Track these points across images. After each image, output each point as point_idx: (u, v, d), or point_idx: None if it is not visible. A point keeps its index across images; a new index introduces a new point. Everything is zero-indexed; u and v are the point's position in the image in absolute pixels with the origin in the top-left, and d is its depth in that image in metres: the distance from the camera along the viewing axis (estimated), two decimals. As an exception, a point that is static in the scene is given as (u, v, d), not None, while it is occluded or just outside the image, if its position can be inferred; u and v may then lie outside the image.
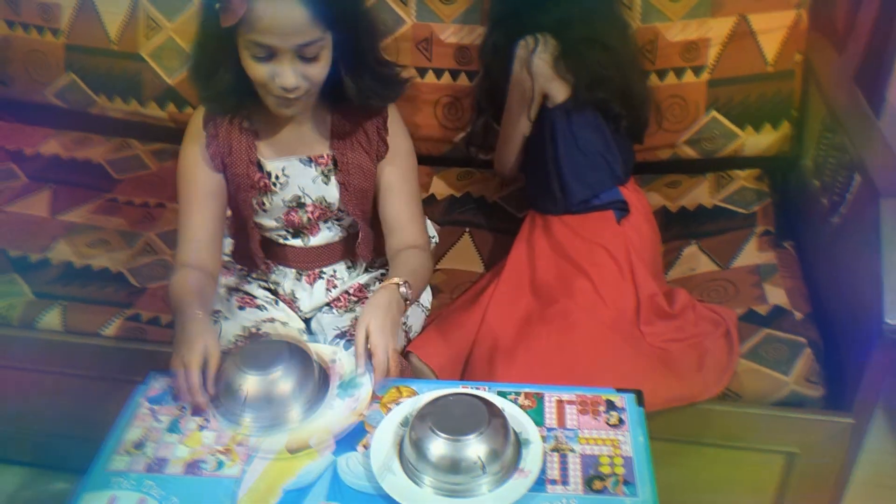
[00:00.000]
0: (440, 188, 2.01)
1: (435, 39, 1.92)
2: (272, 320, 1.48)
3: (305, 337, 1.51)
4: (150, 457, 1.14)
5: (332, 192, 1.43)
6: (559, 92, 1.61)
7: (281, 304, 1.54)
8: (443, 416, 1.08)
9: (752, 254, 1.74)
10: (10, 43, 2.13)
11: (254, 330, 1.44)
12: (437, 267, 1.75)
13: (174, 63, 2.04)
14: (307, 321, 1.56)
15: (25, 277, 1.77)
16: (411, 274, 1.34)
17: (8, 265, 1.80)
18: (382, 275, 1.57)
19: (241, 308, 1.49)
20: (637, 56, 1.77)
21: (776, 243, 1.76)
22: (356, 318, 1.45)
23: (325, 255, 1.51)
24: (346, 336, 1.44)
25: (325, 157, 1.41)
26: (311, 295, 1.52)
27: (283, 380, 1.15)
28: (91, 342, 1.66)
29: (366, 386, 1.21)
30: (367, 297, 1.52)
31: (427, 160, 1.99)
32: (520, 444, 1.11)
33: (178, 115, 2.10)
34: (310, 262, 1.51)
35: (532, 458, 1.10)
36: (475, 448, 1.05)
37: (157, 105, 2.10)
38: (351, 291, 1.54)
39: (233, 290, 1.53)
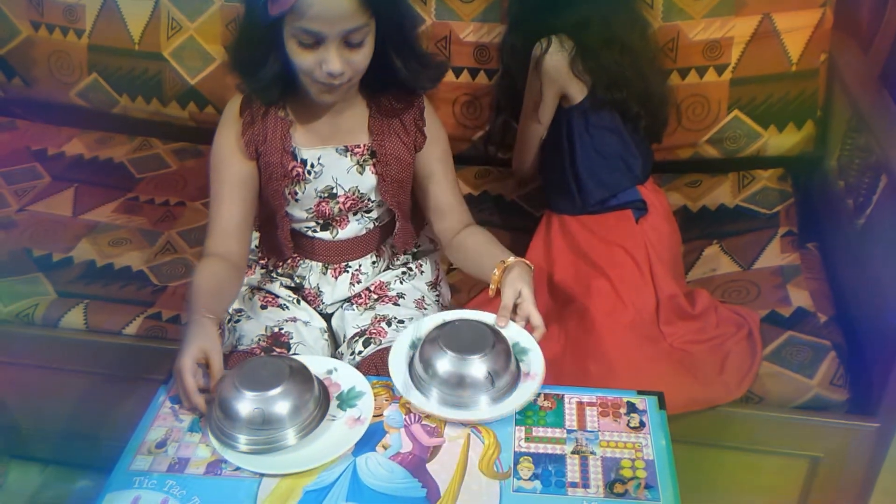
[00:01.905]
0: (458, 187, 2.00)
1: (454, 38, 1.92)
2: (294, 319, 1.49)
3: (326, 335, 1.52)
4: (172, 457, 1.15)
5: (365, 183, 1.44)
6: (576, 92, 1.61)
7: (303, 303, 1.55)
8: (451, 336, 1.20)
9: (774, 255, 1.72)
10: (34, 44, 2.15)
11: (276, 329, 1.44)
12: (455, 266, 1.75)
13: (196, 63, 2.05)
14: (328, 319, 1.56)
15: (49, 276, 1.79)
16: (502, 247, 1.40)
17: (31, 264, 1.82)
18: (403, 272, 1.58)
19: (263, 307, 1.50)
20: (657, 56, 1.76)
21: (799, 244, 1.75)
22: (376, 317, 1.47)
23: (351, 249, 1.52)
24: (366, 334, 1.44)
25: (362, 146, 1.43)
26: (335, 289, 1.53)
27: (283, 398, 1.13)
28: (113, 341, 1.67)
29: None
30: (387, 295, 1.53)
31: None
32: (517, 355, 1.23)
33: (198, 114, 2.11)
34: (336, 256, 1.52)
35: (534, 362, 1.22)
36: (480, 366, 1.17)
37: (179, 105, 2.11)
38: (372, 288, 1.54)
39: (255, 289, 1.54)
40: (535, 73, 1.60)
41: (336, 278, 1.52)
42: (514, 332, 1.26)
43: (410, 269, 1.58)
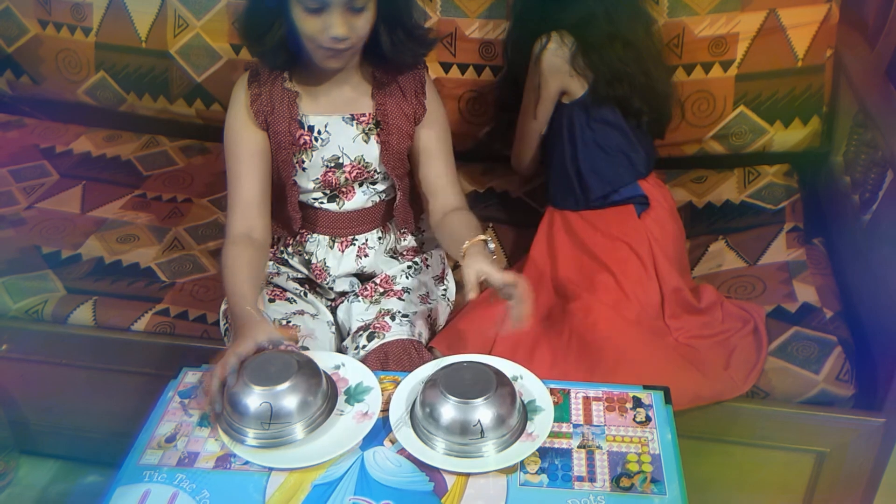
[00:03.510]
0: (463, 183, 1.98)
1: (459, 34, 1.92)
2: (302, 312, 1.50)
3: (333, 328, 1.53)
4: (182, 451, 1.16)
5: (370, 152, 1.48)
6: (576, 88, 1.61)
7: (310, 296, 1.56)
8: (453, 381, 1.13)
9: (780, 250, 1.72)
10: (41, 42, 2.16)
11: (283, 322, 1.46)
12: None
13: (202, 61, 2.06)
14: (334, 312, 1.57)
15: (57, 273, 1.80)
16: (478, 231, 1.38)
17: (41, 261, 1.83)
18: (409, 267, 1.59)
19: (271, 300, 1.51)
20: (661, 51, 1.76)
21: (805, 240, 1.75)
22: (380, 311, 1.48)
23: (357, 221, 1.54)
24: (370, 329, 1.45)
25: (367, 115, 1.47)
26: (341, 262, 1.55)
27: (291, 392, 1.14)
28: (121, 337, 1.68)
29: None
30: (393, 289, 1.54)
31: None
32: (527, 410, 1.16)
33: (205, 111, 2.12)
34: (343, 228, 1.54)
35: (541, 424, 1.14)
36: (479, 412, 1.10)
37: (185, 102, 2.12)
38: (378, 282, 1.56)
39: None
40: (534, 69, 1.61)
41: (343, 252, 1.55)
42: (531, 387, 1.21)
43: (416, 263, 1.59)
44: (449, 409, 1.11)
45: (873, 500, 1.56)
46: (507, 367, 1.21)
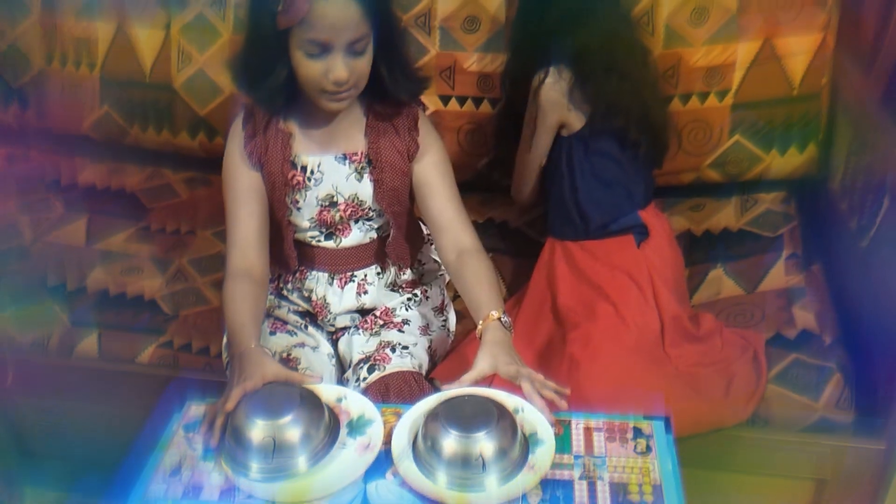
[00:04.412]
0: (463, 215, 2.03)
1: (458, 68, 1.95)
2: (303, 345, 1.51)
3: (334, 360, 1.54)
4: (186, 483, 1.16)
5: (364, 190, 1.48)
6: (574, 121, 1.63)
7: (311, 328, 1.57)
8: (454, 414, 1.13)
9: (778, 277, 1.73)
10: (47, 77, 2.19)
11: (284, 355, 1.47)
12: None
13: (205, 94, 2.08)
14: (335, 343, 1.58)
15: (63, 305, 1.81)
16: (494, 292, 1.37)
17: (46, 294, 1.85)
18: (409, 299, 1.59)
19: (272, 333, 1.52)
20: (657, 83, 1.78)
21: (804, 266, 1.76)
22: (381, 343, 1.49)
23: (355, 258, 1.55)
24: (370, 360, 1.46)
25: (359, 154, 1.47)
26: (342, 299, 1.55)
27: (294, 426, 1.14)
28: (126, 369, 1.70)
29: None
30: (393, 321, 1.55)
31: None
32: (528, 442, 1.15)
33: (208, 144, 2.14)
34: (341, 265, 1.54)
35: (542, 457, 1.13)
36: (479, 445, 1.09)
37: (189, 135, 2.14)
38: (378, 314, 1.56)
39: (265, 315, 1.56)
40: (533, 103, 1.63)
41: (342, 288, 1.55)
42: (534, 420, 1.19)
43: (416, 294, 1.60)
44: (450, 443, 1.11)
45: (876, 527, 1.57)
46: (509, 400, 1.21)
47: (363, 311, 1.59)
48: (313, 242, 1.53)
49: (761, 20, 1.83)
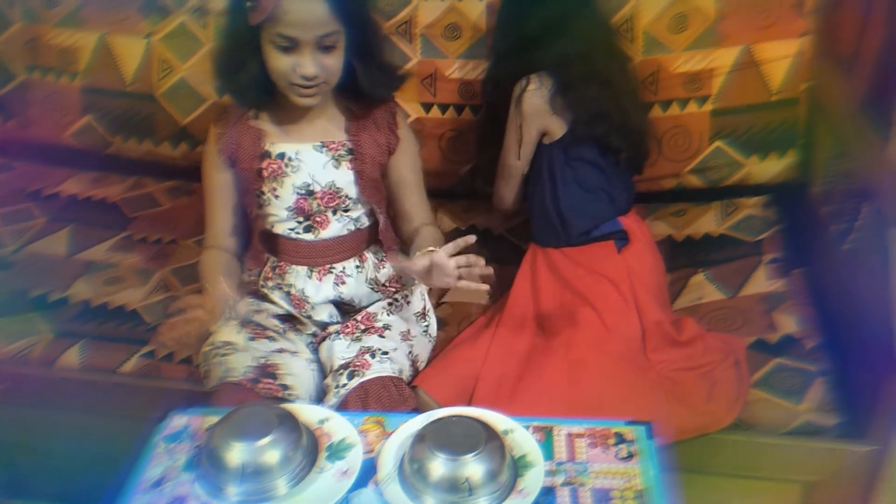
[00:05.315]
0: (445, 221, 2.03)
1: (439, 75, 1.96)
2: (282, 351, 1.52)
3: (314, 366, 1.54)
4: (169, 495, 1.15)
5: (341, 178, 1.53)
6: (556, 129, 1.64)
7: (291, 334, 1.58)
8: (442, 436, 1.11)
9: (760, 282, 1.74)
10: (29, 86, 2.18)
11: (264, 361, 1.47)
12: (444, 300, 1.77)
13: (186, 104, 2.08)
14: (315, 350, 1.58)
15: (45, 316, 1.80)
16: (436, 243, 1.47)
17: (28, 304, 1.84)
18: (390, 304, 1.61)
19: (251, 339, 1.52)
20: (637, 89, 1.79)
21: (785, 271, 1.77)
22: (361, 349, 1.50)
23: (334, 250, 1.58)
24: (350, 367, 1.46)
25: (337, 143, 1.53)
26: (320, 290, 1.58)
27: (271, 449, 1.12)
28: (108, 380, 1.69)
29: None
30: (374, 326, 1.56)
31: (432, 193, 1.97)
32: (517, 465, 1.13)
33: (189, 154, 2.14)
34: (320, 258, 1.58)
35: (532, 480, 1.11)
36: (467, 468, 1.07)
37: (170, 145, 2.14)
38: (359, 319, 1.57)
39: (244, 322, 1.56)
40: (515, 111, 1.64)
41: (321, 280, 1.57)
42: (523, 442, 1.18)
43: (397, 299, 1.60)
44: (437, 466, 1.08)
45: (861, 529, 1.57)
46: (499, 421, 1.19)
47: (342, 307, 1.60)
48: (293, 235, 1.56)
49: (740, 27, 1.85)
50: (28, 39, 2.16)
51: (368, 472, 1.16)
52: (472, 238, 1.38)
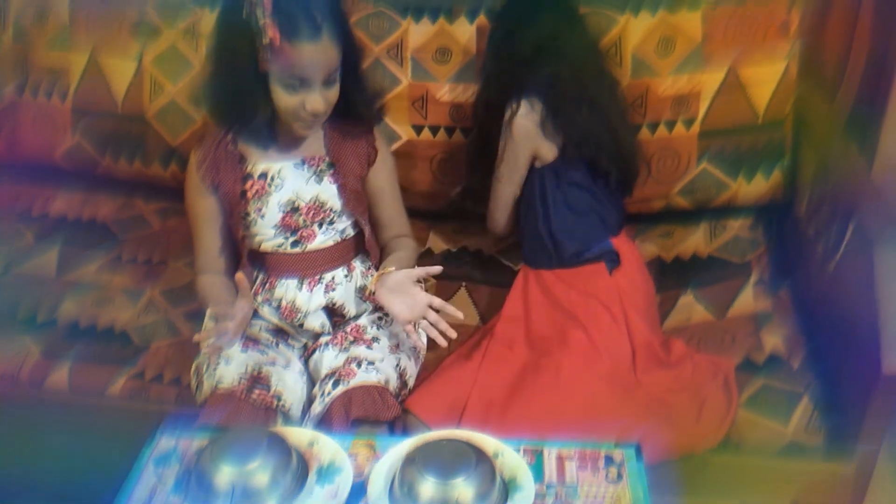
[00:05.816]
0: (436, 243, 2.04)
1: (430, 98, 1.97)
2: (273, 362, 1.53)
3: (304, 378, 1.56)
4: (156, 518, 1.15)
5: (324, 192, 1.57)
6: (547, 152, 1.65)
7: (282, 346, 1.60)
8: (431, 459, 1.11)
9: (747, 302, 1.76)
10: (19, 106, 2.18)
11: (255, 371, 1.48)
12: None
13: (177, 125, 2.08)
14: (305, 362, 1.59)
15: (33, 337, 1.79)
16: (404, 262, 1.58)
17: (16, 325, 1.83)
18: (380, 318, 1.63)
19: (243, 350, 1.53)
20: (626, 112, 1.80)
21: (772, 291, 1.78)
22: (348, 358, 1.51)
23: (322, 260, 1.60)
24: (335, 375, 1.48)
25: (317, 158, 1.57)
26: (311, 300, 1.59)
27: (260, 472, 1.12)
28: (97, 402, 1.68)
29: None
30: (363, 338, 1.57)
31: (423, 215, 2.02)
32: (507, 488, 1.13)
33: (180, 175, 2.12)
34: (309, 268, 1.60)
35: (521, 503, 1.11)
36: (457, 491, 1.07)
37: (161, 165, 2.13)
38: (349, 330, 1.58)
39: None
40: (506, 134, 1.65)
41: (311, 290, 1.59)
42: (513, 464, 1.17)
43: (387, 314, 1.61)
44: (427, 489, 1.08)
45: (848, 549, 1.58)
46: (489, 444, 1.19)
47: (333, 317, 1.60)
48: (280, 250, 1.58)
49: (726, 50, 1.87)
50: (18, 59, 2.16)
51: (358, 494, 1.16)
52: (437, 269, 1.49)
